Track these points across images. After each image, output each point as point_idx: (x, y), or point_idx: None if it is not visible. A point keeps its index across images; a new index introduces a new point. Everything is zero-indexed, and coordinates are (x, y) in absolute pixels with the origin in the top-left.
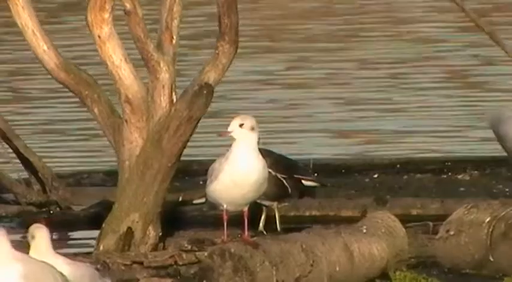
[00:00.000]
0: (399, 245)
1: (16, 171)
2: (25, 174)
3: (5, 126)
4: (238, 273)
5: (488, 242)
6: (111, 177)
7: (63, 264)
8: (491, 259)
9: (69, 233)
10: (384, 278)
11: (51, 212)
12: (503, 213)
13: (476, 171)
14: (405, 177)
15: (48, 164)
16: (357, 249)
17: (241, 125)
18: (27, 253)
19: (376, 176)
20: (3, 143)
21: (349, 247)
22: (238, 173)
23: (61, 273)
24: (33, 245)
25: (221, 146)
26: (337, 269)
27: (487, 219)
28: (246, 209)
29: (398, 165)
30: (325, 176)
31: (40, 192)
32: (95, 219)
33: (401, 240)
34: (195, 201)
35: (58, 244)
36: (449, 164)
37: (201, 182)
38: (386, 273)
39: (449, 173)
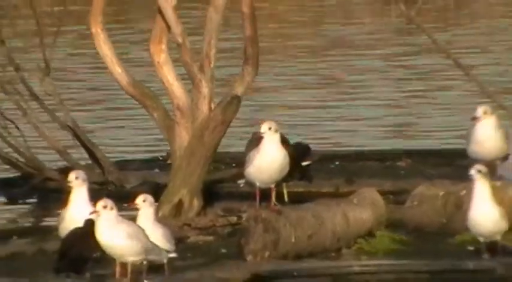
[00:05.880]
0: (380, 212)
1: (83, 159)
2: (89, 161)
3: (74, 126)
4: (267, 232)
5: (442, 209)
6: (146, 164)
7: (160, 227)
8: (444, 221)
9: (124, 205)
10: (370, 235)
11: (109, 189)
12: (453, 189)
13: (409, 160)
14: (360, 163)
15: None
16: (352, 215)
17: (269, 129)
18: None
19: (337, 163)
20: (75, 138)
21: (346, 214)
22: (267, 160)
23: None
24: (141, 212)
25: None
26: (338, 228)
27: (442, 193)
28: (273, 186)
29: (352, 155)
30: None
31: (100, 174)
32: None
33: (381, 209)
34: (238, 182)
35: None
36: (389, 155)
37: None
38: (372, 232)
39: (390, 161)
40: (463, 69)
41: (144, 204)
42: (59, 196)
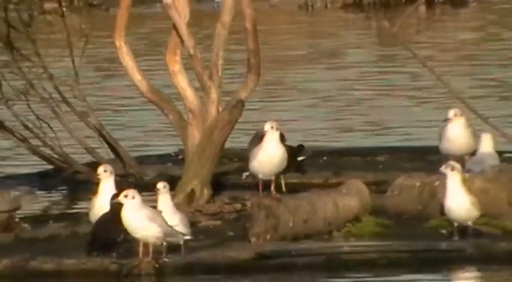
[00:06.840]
0: (365, 200)
1: (107, 154)
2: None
3: (100, 126)
4: (269, 217)
5: (419, 198)
6: (160, 159)
7: (178, 213)
8: (420, 208)
9: (143, 194)
10: (357, 220)
11: (130, 180)
12: (428, 180)
13: (387, 155)
14: (345, 158)
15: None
16: (341, 203)
17: (271, 127)
18: None
19: (325, 158)
20: (100, 137)
21: (336, 201)
22: (268, 155)
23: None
24: (160, 198)
25: None
26: (329, 214)
27: (418, 184)
28: (273, 178)
29: (339, 151)
30: None
31: (122, 167)
32: None
33: (366, 197)
34: (243, 174)
35: None
36: (370, 151)
37: None
38: (358, 217)
39: (371, 156)
40: (437, 77)
41: (164, 191)
42: (86, 187)
